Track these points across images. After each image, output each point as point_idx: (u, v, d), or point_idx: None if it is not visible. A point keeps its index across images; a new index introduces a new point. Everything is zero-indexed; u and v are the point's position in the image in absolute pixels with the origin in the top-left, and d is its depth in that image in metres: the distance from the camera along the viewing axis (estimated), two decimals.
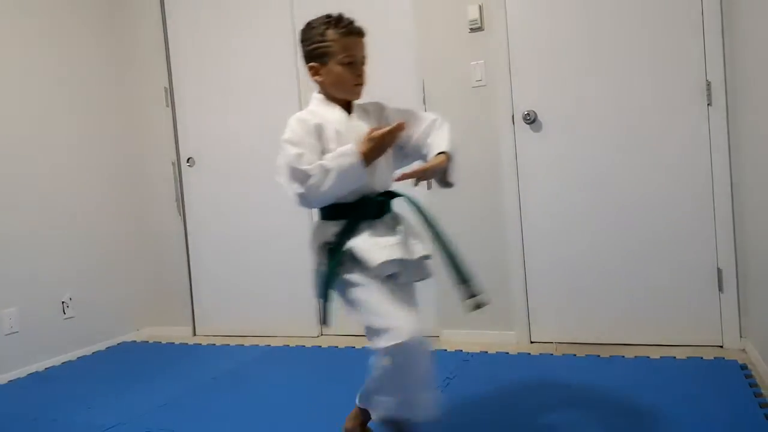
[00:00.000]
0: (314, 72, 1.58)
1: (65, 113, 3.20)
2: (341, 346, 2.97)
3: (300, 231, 3.22)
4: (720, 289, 2.47)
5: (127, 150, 3.54)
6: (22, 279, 2.90)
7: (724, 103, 2.40)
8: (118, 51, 3.53)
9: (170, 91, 3.48)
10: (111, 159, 3.45)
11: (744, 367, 2.21)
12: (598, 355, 2.49)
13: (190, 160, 3.47)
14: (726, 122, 2.40)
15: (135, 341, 3.43)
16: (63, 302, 3.09)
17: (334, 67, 1.54)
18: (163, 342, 3.38)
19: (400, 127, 1.43)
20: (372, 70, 2.99)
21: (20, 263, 2.90)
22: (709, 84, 2.42)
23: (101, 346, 3.28)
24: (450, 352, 2.70)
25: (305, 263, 3.21)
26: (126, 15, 3.53)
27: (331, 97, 1.59)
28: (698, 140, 2.45)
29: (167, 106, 3.48)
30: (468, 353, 2.65)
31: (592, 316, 2.67)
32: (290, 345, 3.07)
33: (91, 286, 3.26)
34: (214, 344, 3.24)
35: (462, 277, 1.47)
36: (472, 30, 2.77)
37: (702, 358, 2.36)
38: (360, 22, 3.01)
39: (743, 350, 2.42)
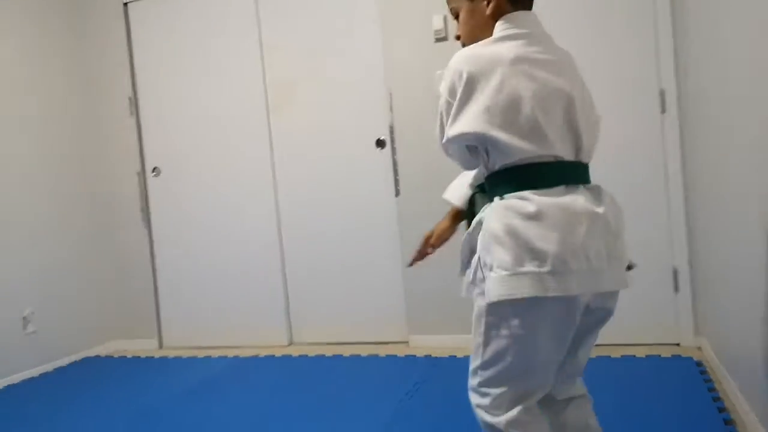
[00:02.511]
0: None
1: (27, 122, 3.13)
2: (311, 354, 2.97)
3: (267, 240, 3.22)
4: (676, 289, 2.57)
5: (91, 159, 3.48)
6: None
7: (677, 110, 2.51)
8: (82, 60, 3.47)
9: (135, 101, 3.45)
10: (74, 169, 3.39)
11: (699, 363, 2.31)
12: None
13: (155, 170, 3.43)
14: (679, 129, 2.52)
15: (99, 356, 3.36)
16: (24, 317, 3.01)
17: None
18: (129, 356, 3.32)
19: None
20: (341, 79, 3.06)
21: None
22: (662, 92, 2.53)
23: (64, 361, 3.20)
24: (419, 357, 2.73)
25: (273, 273, 3.22)
26: (90, 23, 3.48)
27: None
28: (653, 146, 2.56)
29: (132, 115, 3.44)
30: (436, 358, 2.68)
31: None
32: (260, 355, 3.06)
33: (54, 300, 3.18)
34: (181, 356, 3.20)
35: None
36: (438, 40, 2.84)
37: (660, 356, 2.45)
38: (327, 33, 3.08)
39: (699, 348, 2.52)
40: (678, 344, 2.58)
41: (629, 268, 1.15)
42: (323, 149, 3.11)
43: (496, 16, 1.16)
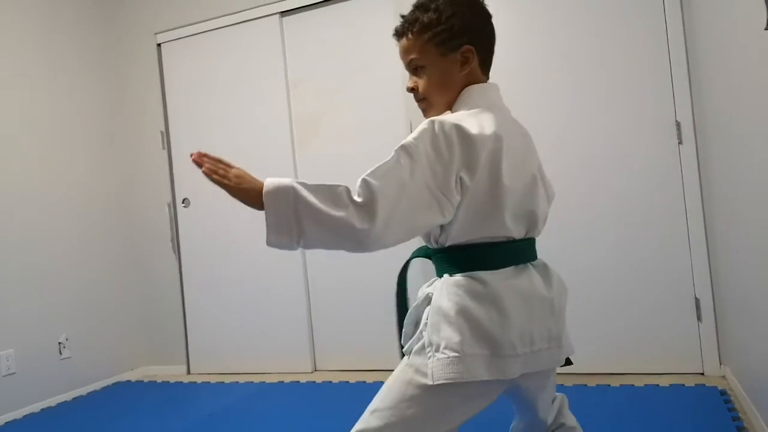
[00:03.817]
0: None
1: (62, 154, 3.30)
2: (335, 381, 3.02)
3: (292, 269, 3.30)
4: (698, 318, 2.57)
5: (124, 190, 3.64)
6: (19, 320, 2.95)
7: (694, 141, 2.55)
8: (117, 96, 3.66)
9: (166, 135, 3.60)
10: (108, 199, 3.54)
11: (724, 392, 2.30)
12: (585, 385, 2.56)
13: (185, 201, 3.56)
14: (696, 159, 2.55)
15: (130, 381, 3.46)
16: (59, 343, 3.13)
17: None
18: (158, 381, 3.41)
19: None
20: (364, 112, 3.16)
21: (18, 305, 2.95)
22: (678, 124, 2.57)
23: (97, 386, 3.30)
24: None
25: (297, 301, 3.30)
26: (124, 60, 3.67)
27: None
28: (671, 177, 2.59)
29: (163, 149, 3.59)
30: None
31: (578, 347, 2.74)
32: (285, 381, 3.12)
33: (87, 326, 3.30)
34: (209, 382, 3.27)
35: None
36: None
37: (684, 385, 2.44)
38: (350, 69, 3.19)
39: (723, 377, 2.51)
40: (702, 373, 2.56)
41: (568, 363, 1.15)
42: (347, 179, 3.19)
43: (468, 79, 1.12)
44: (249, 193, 1.05)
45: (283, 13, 3.31)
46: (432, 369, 0.99)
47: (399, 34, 1.16)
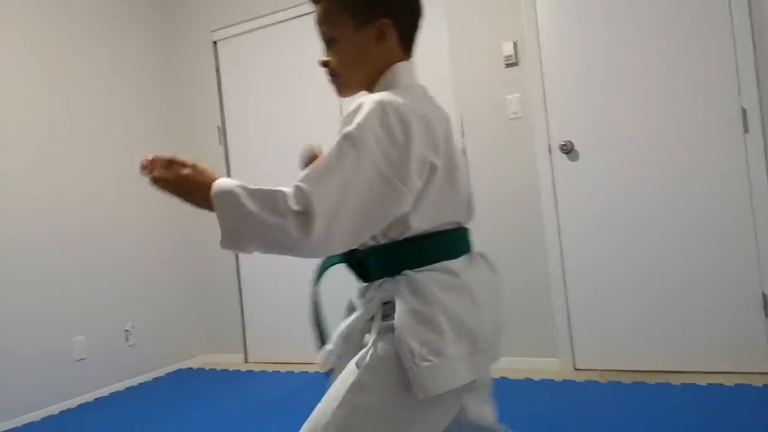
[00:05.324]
0: None
1: (122, 151, 3.44)
2: None
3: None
4: (766, 314, 2.45)
5: None
6: (90, 309, 3.12)
7: (761, 129, 2.42)
8: (174, 93, 3.80)
9: (223, 130, 3.71)
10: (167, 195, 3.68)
11: None
12: (644, 383, 2.49)
13: None
14: (764, 148, 2.42)
15: (191, 368, 3.60)
16: (126, 330, 3.30)
17: None
18: (217, 369, 3.54)
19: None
20: None
21: (89, 294, 3.12)
22: (744, 111, 2.44)
23: (160, 372, 3.46)
24: (493, 378, 2.74)
25: (350, 292, 3.33)
26: (181, 59, 3.80)
27: None
28: (736, 167, 2.47)
29: (220, 144, 3.70)
30: (512, 380, 2.69)
31: (637, 344, 2.68)
32: None
33: (151, 315, 3.46)
34: (265, 371, 3.37)
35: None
36: (508, 65, 2.88)
37: (750, 385, 2.34)
38: None
39: None
40: None
41: None
42: None
43: (385, 56, 1.02)
44: (197, 197, 0.96)
45: None
46: (421, 380, 0.86)
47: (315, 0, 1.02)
